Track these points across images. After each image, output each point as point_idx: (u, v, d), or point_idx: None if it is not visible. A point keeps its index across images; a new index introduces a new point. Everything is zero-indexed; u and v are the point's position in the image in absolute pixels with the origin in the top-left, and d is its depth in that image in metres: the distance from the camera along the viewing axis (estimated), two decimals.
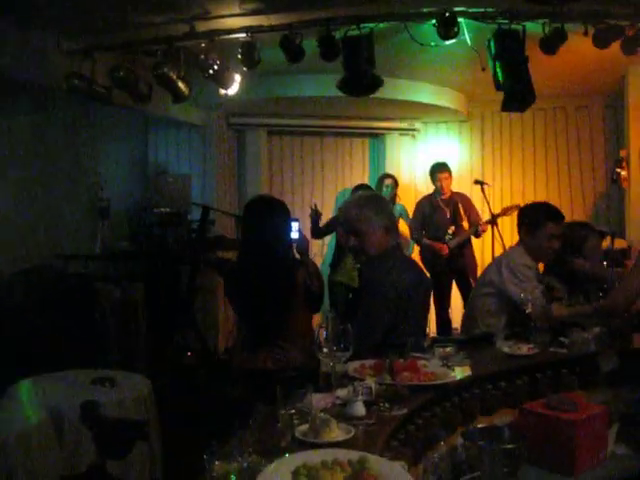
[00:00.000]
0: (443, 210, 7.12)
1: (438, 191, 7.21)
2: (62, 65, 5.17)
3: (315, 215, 6.98)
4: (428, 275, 6.96)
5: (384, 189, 7.33)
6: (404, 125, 8.36)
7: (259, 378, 3.31)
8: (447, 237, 7.01)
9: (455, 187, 7.71)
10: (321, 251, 7.83)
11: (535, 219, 4.02)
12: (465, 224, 7.10)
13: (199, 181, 7.71)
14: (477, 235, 7.07)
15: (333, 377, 2.26)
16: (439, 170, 7.18)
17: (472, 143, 8.46)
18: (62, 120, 6.47)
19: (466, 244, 7.12)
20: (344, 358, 2.25)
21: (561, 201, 7.77)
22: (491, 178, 8.09)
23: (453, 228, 7.03)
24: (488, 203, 7.00)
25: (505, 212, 6.86)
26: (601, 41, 4.78)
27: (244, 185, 8.08)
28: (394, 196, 7.44)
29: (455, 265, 7.03)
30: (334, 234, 7.18)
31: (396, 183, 7.49)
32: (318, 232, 7.05)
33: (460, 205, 7.12)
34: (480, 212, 7.23)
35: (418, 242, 7.27)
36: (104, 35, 5.22)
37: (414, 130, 8.43)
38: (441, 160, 7.46)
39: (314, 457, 1.73)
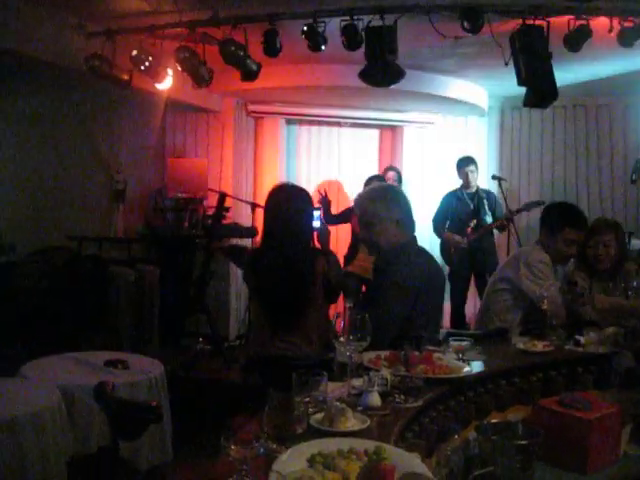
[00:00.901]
0: (467, 204, 7.07)
1: (464, 185, 7.15)
2: (83, 47, 5.18)
3: (325, 201, 6.96)
4: (448, 269, 7.01)
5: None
6: (423, 118, 8.30)
7: (274, 365, 3.32)
8: (468, 231, 6.96)
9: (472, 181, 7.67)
10: (335, 242, 7.81)
11: (555, 222, 3.98)
12: (488, 219, 7.03)
13: (216, 167, 7.72)
14: (503, 227, 6.98)
15: (349, 367, 2.25)
16: (465, 164, 7.13)
17: (490, 138, 8.41)
18: (80, 102, 6.49)
19: (487, 240, 7.06)
20: (361, 348, 2.24)
21: (578, 200, 7.74)
22: (509, 174, 8.06)
23: (475, 222, 6.98)
24: (505, 199, 6.96)
25: (527, 208, 6.80)
26: (626, 39, 4.74)
27: (261, 173, 8.07)
28: None
29: (475, 260, 6.98)
30: (349, 225, 7.13)
31: (400, 177, 7.38)
32: (330, 219, 7.02)
33: (485, 200, 7.05)
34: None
35: (439, 235, 7.24)
36: (125, 18, 5.21)
37: (433, 123, 8.38)
38: (462, 154, 7.40)
39: (330, 445, 1.73)
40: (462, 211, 7.07)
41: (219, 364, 6.22)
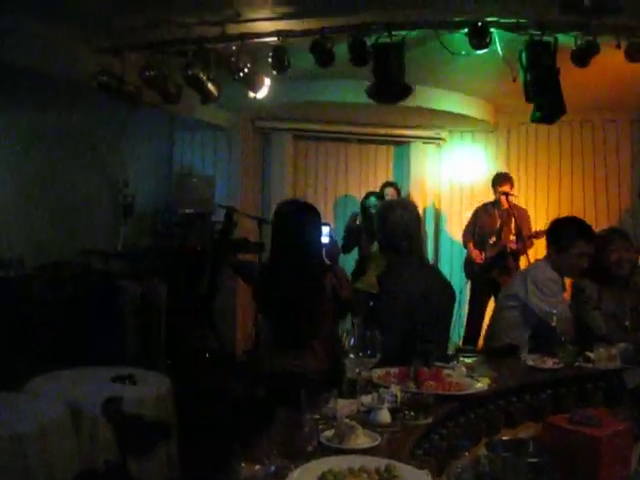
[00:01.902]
0: (494, 220, 7.02)
1: (497, 201, 7.09)
2: (92, 62, 5.20)
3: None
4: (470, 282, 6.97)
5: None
6: (430, 133, 8.31)
7: (282, 381, 3.31)
8: (488, 247, 6.92)
9: (480, 197, 7.67)
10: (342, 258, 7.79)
11: (566, 236, 3.96)
12: (510, 238, 6.93)
13: (223, 183, 7.74)
14: (502, 256, 6.91)
15: (358, 383, 2.25)
16: (498, 182, 7.08)
17: (498, 154, 8.40)
18: (90, 117, 6.51)
19: (508, 258, 6.97)
20: (370, 365, 2.24)
21: (586, 215, 7.70)
22: (516, 189, 8.04)
23: (494, 239, 6.93)
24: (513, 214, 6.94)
25: (537, 235, 6.74)
26: (633, 55, 4.74)
27: (268, 188, 8.07)
28: None
29: (494, 277, 6.93)
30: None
31: (398, 193, 7.24)
32: (345, 247, 7.02)
33: (514, 219, 6.93)
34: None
35: (466, 248, 7.23)
36: (135, 34, 5.24)
37: (440, 139, 8.38)
38: (464, 169, 7.39)
39: (341, 463, 1.72)
40: (486, 227, 7.04)
41: (226, 379, 6.19)
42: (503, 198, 6.96)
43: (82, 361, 4.40)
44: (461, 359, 2.80)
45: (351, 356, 2.21)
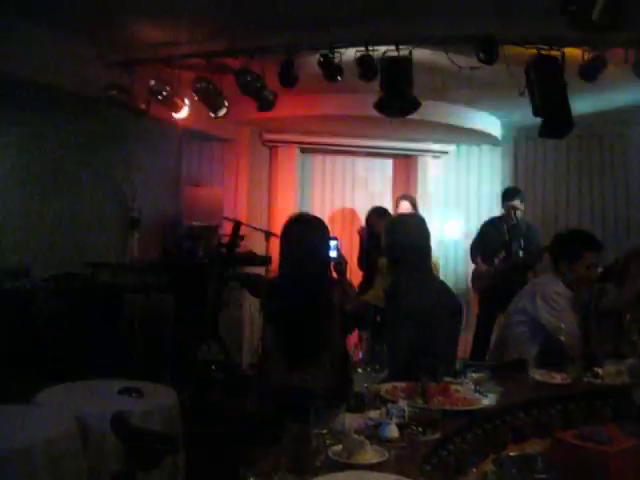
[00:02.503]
0: (502, 234, 6.98)
1: (505, 215, 7.05)
2: (101, 76, 5.24)
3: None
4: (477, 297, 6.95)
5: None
6: (437, 147, 8.32)
7: (290, 395, 3.29)
8: (495, 261, 6.90)
9: (487, 211, 7.66)
10: (349, 272, 7.77)
11: (573, 250, 3.97)
12: (517, 254, 6.86)
13: (231, 196, 7.75)
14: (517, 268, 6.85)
15: (367, 398, 2.24)
16: (508, 197, 7.03)
17: (504, 168, 8.40)
18: (97, 130, 6.54)
19: (517, 273, 6.95)
20: (378, 379, 2.23)
21: (594, 230, 7.68)
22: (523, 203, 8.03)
23: (503, 253, 6.92)
24: None
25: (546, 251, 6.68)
26: None
27: (275, 201, 8.09)
28: None
29: (503, 293, 6.88)
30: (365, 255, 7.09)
31: (414, 206, 7.23)
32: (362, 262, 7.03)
33: (522, 234, 6.88)
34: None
35: (474, 261, 7.19)
36: (144, 48, 5.27)
37: (446, 153, 8.39)
38: (479, 183, 7.36)
39: (349, 478, 1.72)
40: (494, 241, 7.00)
41: (232, 393, 6.18)
42: (512, 212, 6.94)
43: (89, 373, 4.40)
44: (469, 374, 2.79)
45: (359, 370, 2.21)
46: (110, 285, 6.21)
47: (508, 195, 7.05)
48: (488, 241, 7.04)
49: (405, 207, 7.11)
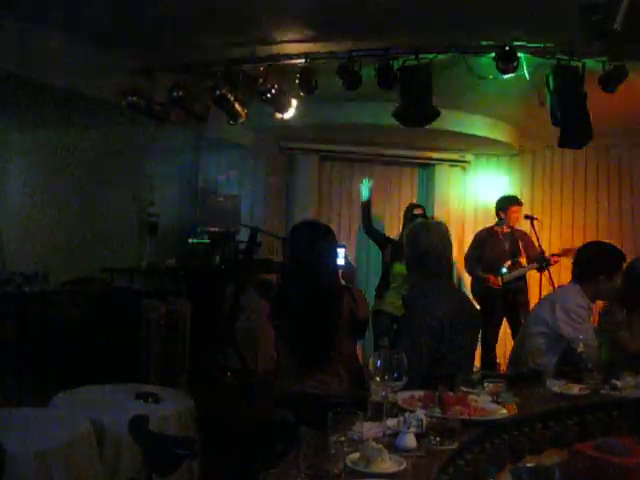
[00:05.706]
0: (502, 243, 6.98)
1: (504, 224, 7.04)
2: (121, 82, 5.28)
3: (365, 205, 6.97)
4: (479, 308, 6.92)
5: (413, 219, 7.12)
6: (455, 156, 8.30)
7: (303, 402, 3.29)
8: (503, 271, 6.88)
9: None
10: (365, 279, 7.77)
11: (615, 263, 3.95)
12: (523, 260, 6.93)
13: (248, 202, 7.76)
14: (542, 269, 6.87)
15: (385, 407, 2.24)
16: (512, 203, 7.05)
17: (522, 178, 8.38)
18: (116, 136, 6.58)
19: (522, 281, 7.00)
20: (396, 388, 2.23)
21: (612, 240, 7.62)
22: (540, 213, 7.99)
23: (509, 262, 6.90)
24: (538, 239, 6.90)
25: (565, 253, 6.68)
26: None
27: (293, 209, 8.09)
28: None
29: (508, 302, 6.89)
30: (381, 262, 7.07)
31: (425, 214, 7.16)
32: (368, 226, 7.01)
33: (520, 241, 6.96)
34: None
35: (471, 273, 7.16)
36: (165, 55, 5.31)
37: (465, 162, 8.37)
38: (495, 192, 7.35)
39: None
40: (497, 251, 6.98)
41: (248, 399, 6.18)
42: (509, 221, 6.98)
43: (105, 378, 4.43)
44: (486, 384, 2.78)
45: (377, 379, 2.20)
46: (127, 290, 6.24)
47: (509, 201, 7.05)
48: (489, 251, 7.00)
49: (417, 213, 7.06)
